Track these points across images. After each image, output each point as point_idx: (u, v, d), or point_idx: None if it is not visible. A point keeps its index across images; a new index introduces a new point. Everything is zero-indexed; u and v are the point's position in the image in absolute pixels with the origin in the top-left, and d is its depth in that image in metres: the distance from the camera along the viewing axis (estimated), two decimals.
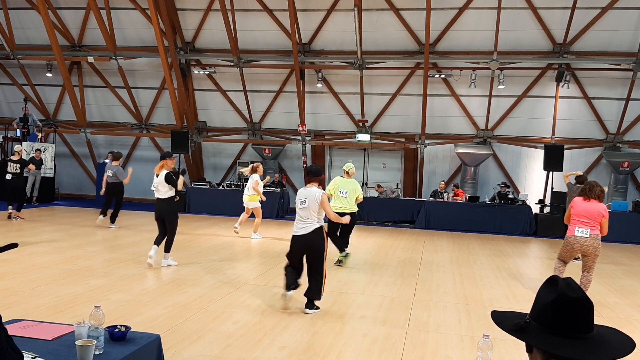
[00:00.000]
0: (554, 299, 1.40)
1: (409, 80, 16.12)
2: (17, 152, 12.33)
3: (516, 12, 14.47)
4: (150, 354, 2.84)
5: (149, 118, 18.13)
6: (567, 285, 1.42)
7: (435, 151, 16.77)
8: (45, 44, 16.59)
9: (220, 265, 8.08)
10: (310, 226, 5.73)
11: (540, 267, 9.41)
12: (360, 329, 5.20)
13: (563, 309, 1.39)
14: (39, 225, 11.36)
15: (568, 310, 1.39)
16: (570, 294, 1.39)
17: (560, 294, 1.40)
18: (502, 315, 1.56)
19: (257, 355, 4.36)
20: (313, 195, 5.76)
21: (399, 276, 7.87)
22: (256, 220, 11.12)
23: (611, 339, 1.43)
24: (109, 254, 8.53)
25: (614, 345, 1.41)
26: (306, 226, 5.74)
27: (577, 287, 1.42)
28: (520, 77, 15.55)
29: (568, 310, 1.39)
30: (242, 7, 15.55)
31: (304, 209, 5.76)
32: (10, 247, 1.88)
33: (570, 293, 1.39)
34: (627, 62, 14.26)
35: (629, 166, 14.93)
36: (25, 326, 2.88)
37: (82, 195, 18.55)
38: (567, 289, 1.40)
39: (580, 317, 1.39)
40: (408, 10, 14.97)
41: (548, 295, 1.42)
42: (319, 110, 17.03)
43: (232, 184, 15.87)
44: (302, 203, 5.79)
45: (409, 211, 14.71)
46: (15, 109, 18.18)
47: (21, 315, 4.72)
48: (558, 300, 1.39)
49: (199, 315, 5.37)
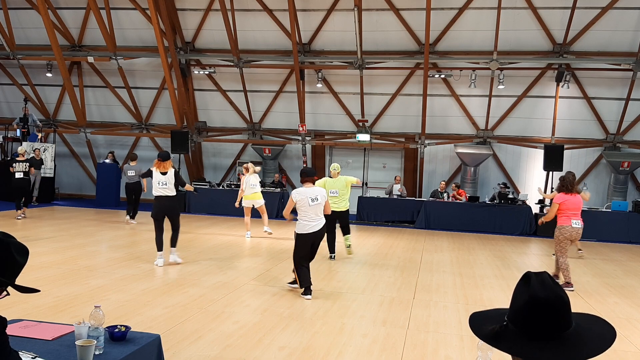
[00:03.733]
0: (526, 300, 1.36)
1: (409, 80, 16.12)
2: (21, 152, 12.50)
3: (516, 12, 14.47)
4: (150, 354, 2.84)
5: (149, 118, 18.13)
6: (540, 284, 1.37)
7: (435, 151, 16.77)
8: (45, 44, 16.58)
9: (220, 265, 8.08)
10: (322, 221, 6.25)
11: (540, 267, 9.42)
12: (360, 329, 5.20)
13: (535, 311, 1.35)
14: (39, 226, 11.36)
15: (540, 312, 1.34)
16: (540, 294, 1.34)
17: (532, 294, 1.35)
18: (481, 318, 1.51)
19: (257, 355, 4.36)
20: (322, 193, 6.26)
21: (399, 276, 7.87)
22: (263, 216, 11.38)
23: (590, 334, 1.38)
24: (109, 254, 8.53)
25: (592, 339, 1.37)
26: (319, 222, 6.21)
27: (549, 285, 1.36)
28: (520, 77, 15.55)
29: (540, 312, 1.34)
30: (242, 7, 15.55)
31: (318, 205, 6.18)
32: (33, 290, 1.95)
33: (541, 293, 1.35)
34: (627, 62, 14.25)
35: (629, 166, 14.92)
36: (25, 326, 2.88)
37: (82, 195, 18.55)
38: (538, 288, 1.36)
39: (554, 317, 1.35)
40: (408, 10, 14.97)
41: (521, 297, 1.38)
42: (319, 110, 17.03)
43: (232, 184, 15.88)
44: (314, 200, 6.15)
45: (409, 211, 14.71)
46: (15, 109, 18.17)
47: (21, 315, 4.72)
48: (530, 301, 1.35)
49: (199, 315, 5.37)
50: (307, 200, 6.11)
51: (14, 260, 1.87)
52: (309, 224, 6.10)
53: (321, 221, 6.24)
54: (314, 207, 6.11)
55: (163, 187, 7.81)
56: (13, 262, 1.87)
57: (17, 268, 1.89)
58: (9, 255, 1.85)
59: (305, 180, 6.32)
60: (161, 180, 7.82)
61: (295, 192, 6.26)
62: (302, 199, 6.13)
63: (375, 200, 15.00)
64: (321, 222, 6.24)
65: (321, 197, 6.23)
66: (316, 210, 6.15)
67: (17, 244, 1.90)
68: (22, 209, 12.20)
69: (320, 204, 6.21)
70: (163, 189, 7.82)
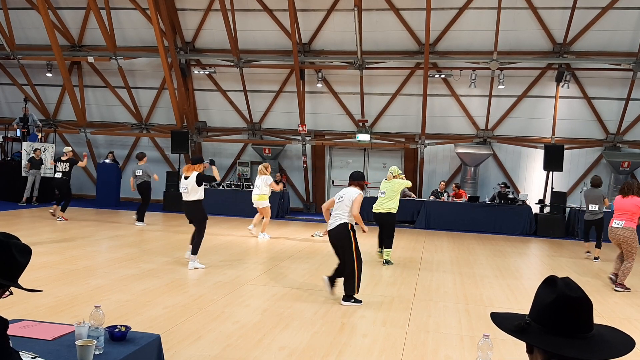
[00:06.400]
0: (554, 299, 1.40)
1: (409, 80, 16.11)
2: (67, 152, 12.46)
3: (516, 12, 14.47)
4: (150, 354, 2.84)
5: (149, 118, 18.13)
6: (566, 285, 1.42)
7: (435, 151, 16.77)
8: (45, 44, 16.58)
9: (220, 265, 8.08)
10: (339, 220, 6.15)
11: (540, 267, 9.42)
12: (360, 329, 5.20)
13: (563, 309, 1.39)
14: (39, 225, 11.36)
15: (568, 310, 1.39)
16: (570, 294, 1.39)
17: (560, 294, 1.39)
18: (501, 317, 1.55)
19: (257, 355, 4.36)
20: (350, 193, 6.24)
21: (399, 276, 7.87)
22: (264, 220, 11.29)
23: (611, 338, 1.43)
24: (109, 254, 8.53)
25: (614, 343, 1.41)
26: (336, 221, 6.17)
27: (576, 287, 1.42)
28: (520, 77, 15.54)
29: (568, 310, 1.39)
30: (242, 7, 15.55)
31: (339, 203, 6.23)
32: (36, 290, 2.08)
33: (570, 293, 1.39)
34: (627, 62, 14.25)
35: (629, 166, 14.92)
36: (25, 326, 2.88)
37: (82, 195, 18.54)
38: (566, 288, 1.40)
39: (581, 316, 1.40)
40: (408, 10, 14.97)
41: (548, 296, 1.42)
42: (319, 110, 17.02)
43: (232, 184, 15.88)
44: (339, 198, 6.26)
45: (409, 211, 14.69)
46: (15, 109, 18.17)
47: (21, 315, 4.72)
48: (558, 300, 1.39)
49: (199, 315, 5.37)
50: (336, 197, 6.37)
51: (15, 261, 1.89)
52: (330, 221, 6.28)
53: (337, 221, 6.14)
54: (338, 203, 6.27)
55: (184, 192, 7.83)
56: (14, 263, 1.89)
57: (19, 268, 1.91)
58: (10, 256, 1.87)
59: (350, 184, 6.44)
60: (182, 185, 7.86)
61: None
62: (336, 196, 6.41)
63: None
64: (337, 222, 6.14)
65: (346, 197, 6.20)
66: (339, 207, 6.22)
67: (19, 244, 1.92)
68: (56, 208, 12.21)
69: (341, 202, 6.20)
70: (184, 193, 7.83)
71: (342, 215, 6.13)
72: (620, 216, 7.59)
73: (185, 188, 7.79)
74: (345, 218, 6.12)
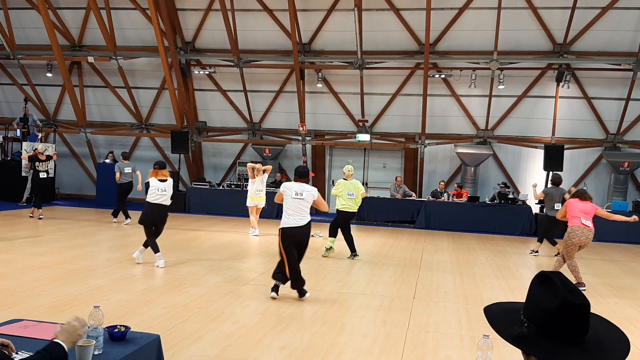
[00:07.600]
0: (558, 306, 1.36)
1: (409, 80, 16.11)
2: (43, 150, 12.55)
3: (516, 12, 14.46)
4: (150, 354, 2.84)
5: (149, 118, 18.13)
6: (568, 291, 1.38)
7: (435, 151, 16.76)
8: (45, 44, 16.58)
9: (220, 265, 8.08)
10: (307, 218, 6.23)
11: (540, 267, 9.41)
12: (360, 329, 5.20)
13: (568, 317, 1.36)
14: (39, 225, 11.36)
15: (573, 317, 1.36)
16: (574, 301, 1.36)
17: (564, 301, 1.36)
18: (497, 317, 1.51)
19: (257, 355, 4.36)
20: (309, 191, 6.28)
21: (399, 276, 7.87)
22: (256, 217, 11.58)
23: (605, 338, 1.41)
24: (109, 254, 8.53)
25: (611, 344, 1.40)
26: (303, 218, 6.20)
27: (577, 290, 1.39)
28: (520, 77, 15.54)
29: (573, 317, 1.36)
30: (242, 7, 15.54)
31: (301, 200, 6.20)
32: None
33: (574, 299, 1.36)
34: (627, 62, 14.25)
35: (629, 166, 14.92)
36: (25, 326, 2.87)
37: (82, 195, 18.54)
38: (569, 294, 1.37)
39: (582, 321, 1.37)
40: (408, 10, 14.96)
41: (549, 301, 1.38)
42: (319, 110, 17.02)
43: (232, 184, 15.88)
44: (297, 194, 6.21)
45: (409, 211, 14.70)
46: (15, 109, 18.16)
47: (21, 315, 4.72)
48: (562, 307, 1.36)
49: (199, 315, 5.37)
50: (290, 193, 6.23)
51: None
52: (294, 217, 6.17)
53: (305, 219, 6.18)
54: (297, 201, 6.17)
55: (162, 193, 7.82)
56: None
57: None
58: None
59: (297, 180, 6.43)
60: (160, 187, 7.84)
61: (283, 185, 6.47)
62: (287, 191, 6.28)
63: (375, 200, 14.99)
64: (305, 219, 6.18)
65: (307, 195, 6.22)
66: (298, 206, 6.17)
67: None
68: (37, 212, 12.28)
69: (304, 200, 6.19)
70: (162, 194, 7.82)
71: (307, 212, 6.23)
72: (586, 217, 7.80)
73: (164, 190, 7.85)
74: (309, 216, 6.27)
